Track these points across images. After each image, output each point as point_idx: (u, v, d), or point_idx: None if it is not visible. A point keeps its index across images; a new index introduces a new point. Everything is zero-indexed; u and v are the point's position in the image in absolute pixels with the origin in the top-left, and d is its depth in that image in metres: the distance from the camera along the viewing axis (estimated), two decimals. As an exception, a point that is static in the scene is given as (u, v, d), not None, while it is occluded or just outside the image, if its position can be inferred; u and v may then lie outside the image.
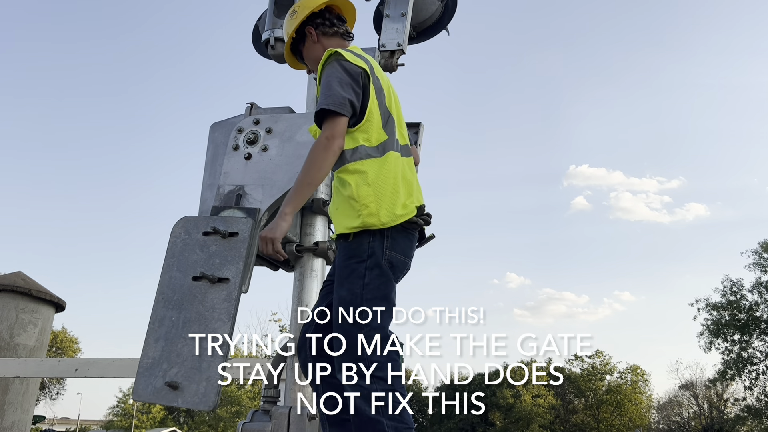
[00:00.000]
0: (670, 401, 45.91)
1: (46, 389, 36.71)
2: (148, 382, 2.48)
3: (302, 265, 2.99)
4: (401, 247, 2.23)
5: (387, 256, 2.19)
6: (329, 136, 2.19)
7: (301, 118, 3.03)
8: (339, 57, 2.30)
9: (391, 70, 3.30)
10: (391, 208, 2.20)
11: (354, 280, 2.17)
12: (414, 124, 3.54)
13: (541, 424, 40.82)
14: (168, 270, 2.64)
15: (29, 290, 8.78)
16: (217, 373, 2.42)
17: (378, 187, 2.20)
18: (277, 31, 3.38)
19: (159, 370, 2.48)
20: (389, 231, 2.20)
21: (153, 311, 2.61)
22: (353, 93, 2.24)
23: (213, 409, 2.43)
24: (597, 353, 44.39)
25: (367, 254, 2.18)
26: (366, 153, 2.23)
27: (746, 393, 34.14)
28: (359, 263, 2.18)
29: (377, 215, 2.17)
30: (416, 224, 2.27)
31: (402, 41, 3.30)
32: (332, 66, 2.29)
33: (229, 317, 2.52)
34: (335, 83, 2.22)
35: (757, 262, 32.97)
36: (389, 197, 2.21)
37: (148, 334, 2.60)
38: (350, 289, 2.17)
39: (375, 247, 2.18)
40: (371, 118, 2.26)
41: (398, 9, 3.43)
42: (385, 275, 2.19)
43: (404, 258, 2.25)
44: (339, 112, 2.20)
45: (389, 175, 2.24)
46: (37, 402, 10.33)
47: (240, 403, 35.26)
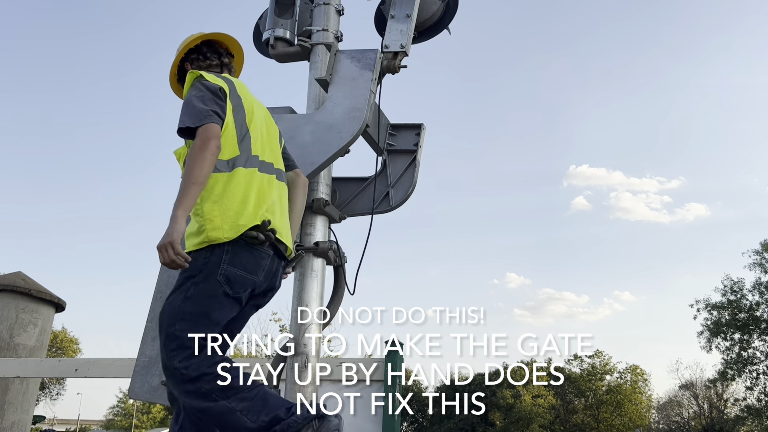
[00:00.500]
0: (670, 401, 45.91)
1: (46, 389, 36.72)
2: (145, 381, 2.48)
3: (302, 265, 2.99)
4: (241, 262, 2.22)
5: (223, 270, 2.18)
6: (204, 138, 2.20)
7: (302, 119, 3.03)
8: (199, 78, 2.39)
9: (394, 71, 3.28)
10: (235, 220, 2.21)
11: (179, 294, 2.18)
12: (416, 125, 3.53)
13: (541, 424, 40.79)
14: (165, 269, 2.64)
15: (29, 290, 8.78)
16: None
17: (223, 202, 2.22)
18: (277, 30, 3.37)
19: (155, 368, 2.48)
20: (229, 245, 2.19)
21: (150, 309, 2.61)
22: (217, 105, 2.31)
23: None
24: (597, 353, 44.37)
25: (199, 269, 2.18)
26: (215, 168, 2.24)
27: (746, 393, 34.15)
28: (189, 278, 2.18)
29: (221, 229, 2.18)
30: (257, 239, 2.24)
31: (405, 43, 3.28)
32: (194, 86, 2.37)
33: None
34: (197, 101, 2.29)
35: (758, 262, 32.97)
36: (235, 211, 2.22)
37: (145, 332, 2.60)
38: (172, 301, 2.19)
39: (210, 262, 2.18)
40: (225, 133, 2.31)
41: (403, 10, 3.41)
42: (213, 291, 2.17)
43: (245, 273, 2.23)
44: (206, 123, 2.24)
45: (237, 189, 2.26)
46: (37, 402, 10.33)
47: (240, 403, 35.15)
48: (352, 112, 2.95)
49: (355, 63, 3.09)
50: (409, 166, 3.41)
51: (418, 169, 3.40)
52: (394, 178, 3.39)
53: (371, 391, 4.61)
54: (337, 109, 2.98)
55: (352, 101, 2.99)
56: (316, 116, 3.02)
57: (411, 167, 3.40)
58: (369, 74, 3.04)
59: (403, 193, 3.36)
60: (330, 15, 3.48)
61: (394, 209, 3.36)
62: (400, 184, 3.38)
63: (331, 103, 3.01)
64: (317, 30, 3.43)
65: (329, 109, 3.00)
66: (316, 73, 3.32)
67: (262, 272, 2.29)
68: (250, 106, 2.47)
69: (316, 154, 2.89)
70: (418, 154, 3.43)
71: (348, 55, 3.15)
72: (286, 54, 3.43)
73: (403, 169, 3.41)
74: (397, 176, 3.39)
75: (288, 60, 3.50)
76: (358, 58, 3.12)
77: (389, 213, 3.38)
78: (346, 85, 3.05)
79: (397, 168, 3.42)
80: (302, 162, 2.86)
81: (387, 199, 3.36)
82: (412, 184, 3.37)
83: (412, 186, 3.36)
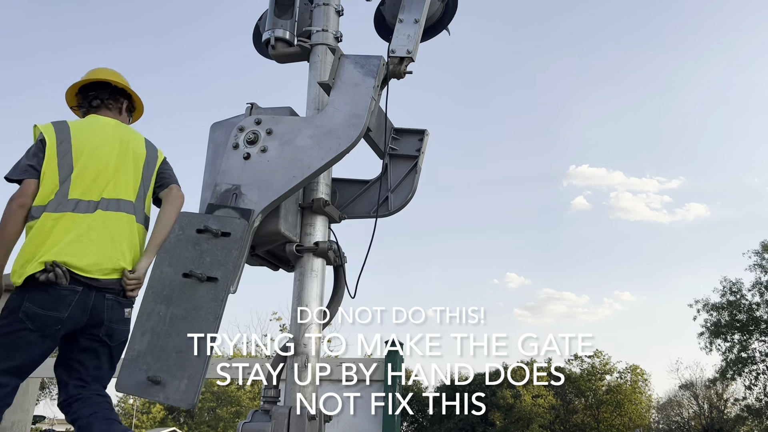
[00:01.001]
0: (670, 401, 45.93)
1: (46, 389, 36.74)
2: (132, 375, 2.50)
3: (302, 265, 2.99)
4: (39, 301, 2.44)
5: (24, 308, 2.43)
6: (12, 196, 2.52)
7: (302, 122, 3.03)
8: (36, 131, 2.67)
9: (399, 77, 3.24)
10: (23, 265, 2.46)
11: None
12: (419, 131, 3.53)
13: (541, 424, 40.79)
14: (159, 264, 2.66)
15: (29, 290, 8.75)
16: (199, 371, 2.43)
17: (23, 249, 2.51)
18: (277, 31, 3.38)
19: (143, 363, 2.50)
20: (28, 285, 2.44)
21: (142, 304, 2.62)
22: (35, 158, 2.59)
23: (192, 407, 2.45)
24: (596, 353, 44.37)
25: (8, 306, 2.47)
26: (31, 215, 2.54)
27: (746, 393, 34.15)
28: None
29: (16, 273, 2.46)
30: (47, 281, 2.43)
31: (412, 48, 3.24)
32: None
33: (215, 317, 2.53)
34: (25, 155, 2.61)
35: (758, 263, 32.98)
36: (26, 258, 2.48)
37: (135, 326, 2.61)
38: None
39: (15, 300, 2.46)
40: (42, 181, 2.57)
41: (412, 15, 3.37)
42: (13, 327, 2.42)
43: (45, 311, 2.44)
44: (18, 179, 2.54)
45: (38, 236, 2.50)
46: (37, 402, 10.32)
47: (240, 403, 35.22)
48: (352, 118, 2.95)
49: (358, 69, 3.08)
50: (409, 172, 3.40)
51: (418, 176, 3.39)
52: (394, 182, 3.39)
53: (371, 391, 4.62)
54: (338, 114, 2.98)
55: (352, 107, 2.98)
56: (317, 120, 3.02)
57: (412, 173, 3.40)
58: (371, 81, 3.03)
59: (402, 199, 3.36)
60: (329, 15, 3.48)
61: (393, 214, 3.36)
62: (400, 189, 3.38)
63: (332, 107, 3.01)
64: (317, 30, 3.43)
65: (330, 113, 3.00)
66: (315, 74, 3.32)
67: (67, 309, 2.47)
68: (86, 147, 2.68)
69: (314, 158, 2.89)
70: (419, 160, 3.42)
71: (352, 60, 3.13)
72: (286, 54, 3.43)
73: (403, 174, 3.41)
74: (398, 181, 3.39)
75: (288, 60, 3.51)
76: (362, 64, 3.11)
77: (389, 213, 3.38)
78: (348, 90, 3.04)
79: (398, 173, 3.42)
80: (300, 165, 2.86)
81: (386, 203, 3.35)
82: (411, 190, 3.36)
83: (411, 192, 3.36)
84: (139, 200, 2.73)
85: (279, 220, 2.92)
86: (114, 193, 2.68)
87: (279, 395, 2.82)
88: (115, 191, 2.69)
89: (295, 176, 2.85)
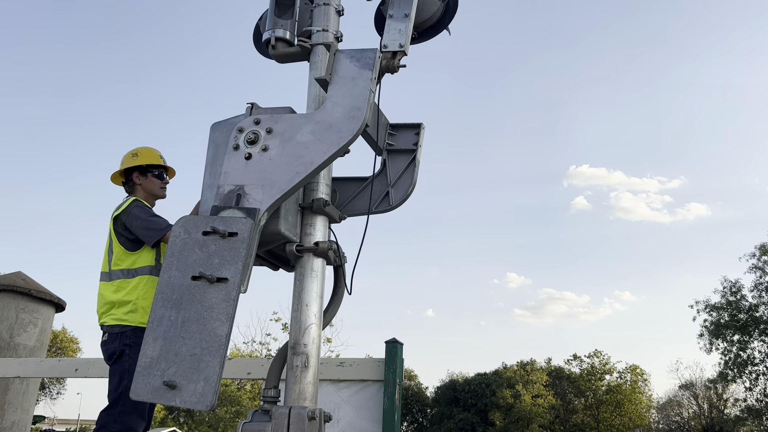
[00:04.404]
0: (670, 401, 45.95)
1: (46, 389, 36.73)
2: (147, 381, 2.49)
3: (302, 265, 2.99)
4: None
5: None
6: None
7: (301, 119, 3.03)
8: None
9: (393, 71, 3.29)
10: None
11: None
12: (415, 125, 3.54)
13: (541, 424, 40.80)
14: (167, 269, 2.65)
15: (29, 290, 8.78)
16: (216, 373, 2.42)
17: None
18: (278, 31, 3.38)
19: (157, 369, 2.49)
20: None
21: (152, 310, 2.62)
22: None
23: (211, 409, 2.44)
24: (596, 353, 44.38)
25: None
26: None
27: (746, 393, 34.17)
28: None
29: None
30: None
31: (404, 42, 3.29)
32: None
33: (227, 317, 2.53)
34: None
35: (757, 265, 32.99)
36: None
37: (147, 333, 2.61)
38: None
39: None
40: None
41: (402, 10, 3.42)
42: None
43: None
44: None
45: None
46: (37, 402, 10.33)
47: (240, 403, 35.23)
48: (352, 111, 2.96)
49: (354, 62, 3.10)
50: (408, 165, 3.41)
51: (417, 169, 3.41)
52: (393, 177, 3.40)
53: (371, 391, 4.62)
54: (337, 108, 2.99)
55: (351, 100, 2.99)
56: (316, 116, 3.03)
57: (411, 167, 3.41)
58: (368, 73, 3.04)
59: (403, 193, 3.38)
60: (330, 15, 3.48)
61: (394, 209, 3.37)
62: (400, 183, 3.39)
63: (331, 102, 3.02)
64: (317, 30, 3.43)
65: (329, 108, 3.01)
66: (315, 73, 3.33)
67: None
68: None
69: (316, 153, 2.90)
70: (417, 154, 3.43)
71: (347, 54, 3.15)
72: (286, 54, 3.44)
73: (402, 168, 3.42)
74: (397, 176, 3.40)
75: (288, 60, 3.51)
76: (358, 57, 3.12)
77: (389, 213, 3.39)
78: (345, 84, 3.05)
79: (396, 167, 3.43)
80: (303, 161, 2.87)
81: (387, 198, 3.37)
82: (412, 184, 3.38)
83: (412, 185, 3.38)
84: None
85: (279, 220, 2.93)
86: (103, 266, 3.88)
87: (279, 395, 2.82)
88: (104, 263, 3.89)
89: (298, 172, 2.85)
